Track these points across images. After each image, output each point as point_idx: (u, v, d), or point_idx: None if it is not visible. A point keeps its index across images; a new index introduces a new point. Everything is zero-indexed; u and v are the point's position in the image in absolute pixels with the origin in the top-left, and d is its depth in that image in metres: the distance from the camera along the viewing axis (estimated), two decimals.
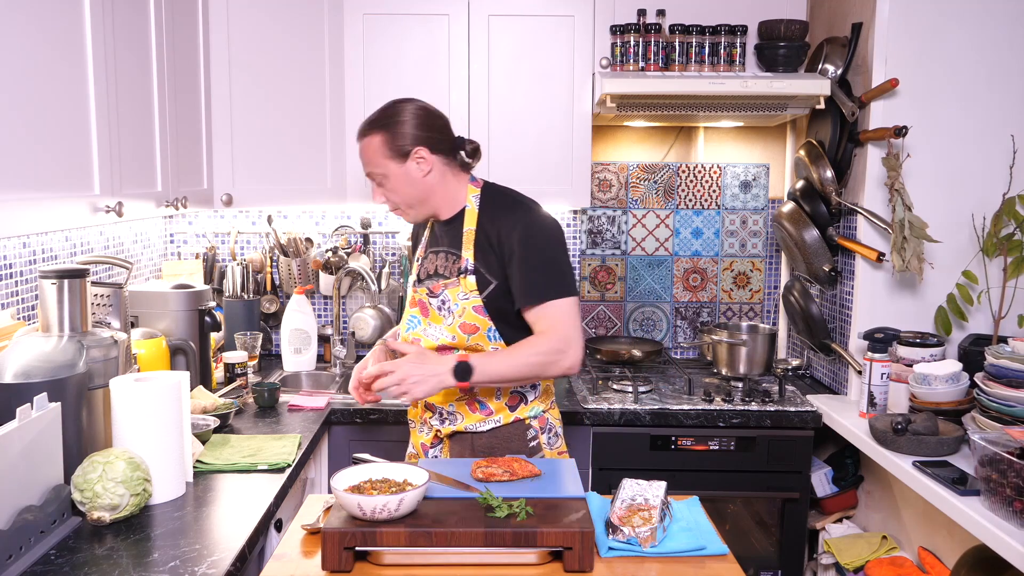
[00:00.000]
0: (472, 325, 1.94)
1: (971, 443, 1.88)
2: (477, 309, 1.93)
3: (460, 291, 1.94)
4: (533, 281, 1.88)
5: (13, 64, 1.53)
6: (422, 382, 1.81)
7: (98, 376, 1.73)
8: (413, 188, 1.95)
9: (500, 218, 1.93)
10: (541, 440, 2.02)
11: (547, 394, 2.06)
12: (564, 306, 1.88)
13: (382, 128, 1.92)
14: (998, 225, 2.43)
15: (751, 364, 2.87)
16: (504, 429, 1.99)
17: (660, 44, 2.76)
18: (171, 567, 1.44)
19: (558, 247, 1.92)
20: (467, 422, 1.99)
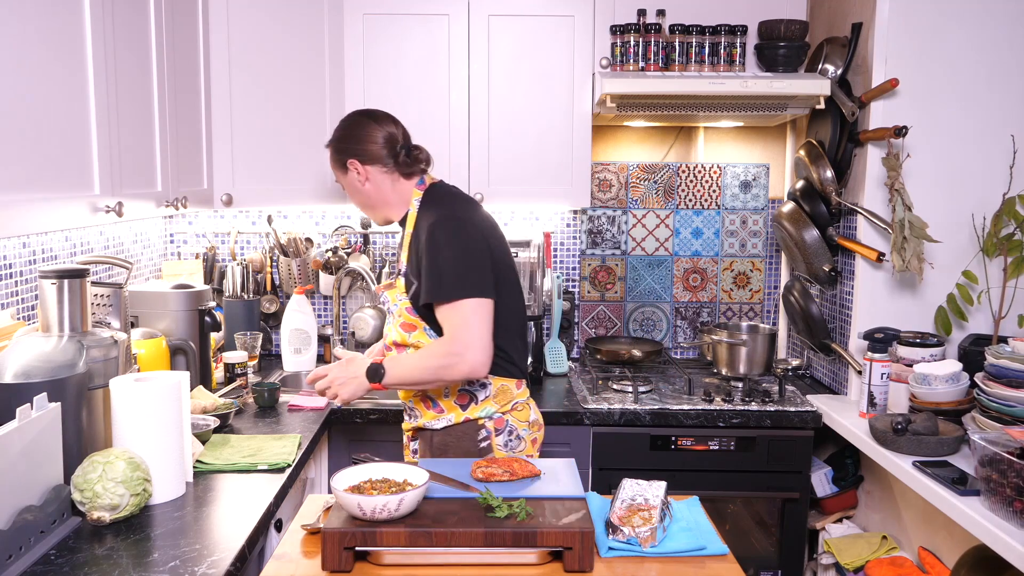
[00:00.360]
0: (410, 324, 2.02)
1: (971, 443, 1.89)
2: (409, 310, 2.01)
3: (396, 292, 2.05)
4: (432, 283, 1.92)
5: (13, 64, 1.53)
6: (346, 384, 1.97)
7: (98, 376, 1.73)
8: (358, 196, 2.12)
9: (422, 220, 2.00)
10: (494, 442, 2.02)
11: (504, 395, 2.04)
12: (463, 308, 1.89)
13: (331, 142, 2.12)
14: (998, 225, 2.43)
15: (751, 364, 2.87)
16: (457, 428, 2.03)
17: (660, 44, 2.76)
18: (171, 567, 1.44)
19: (463, 247, 1.92)
20: (424, 419, 2.07)
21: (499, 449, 2.03)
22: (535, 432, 2.10)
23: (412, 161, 2.08)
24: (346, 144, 2.07)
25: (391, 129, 2.07)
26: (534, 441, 2.10)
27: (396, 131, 2.08)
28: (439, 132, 2.84)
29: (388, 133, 2.06)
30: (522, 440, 2.06)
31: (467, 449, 2.02)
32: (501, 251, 2.03)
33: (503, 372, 2.03)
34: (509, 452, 2.04)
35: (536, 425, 2.11)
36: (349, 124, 2.09)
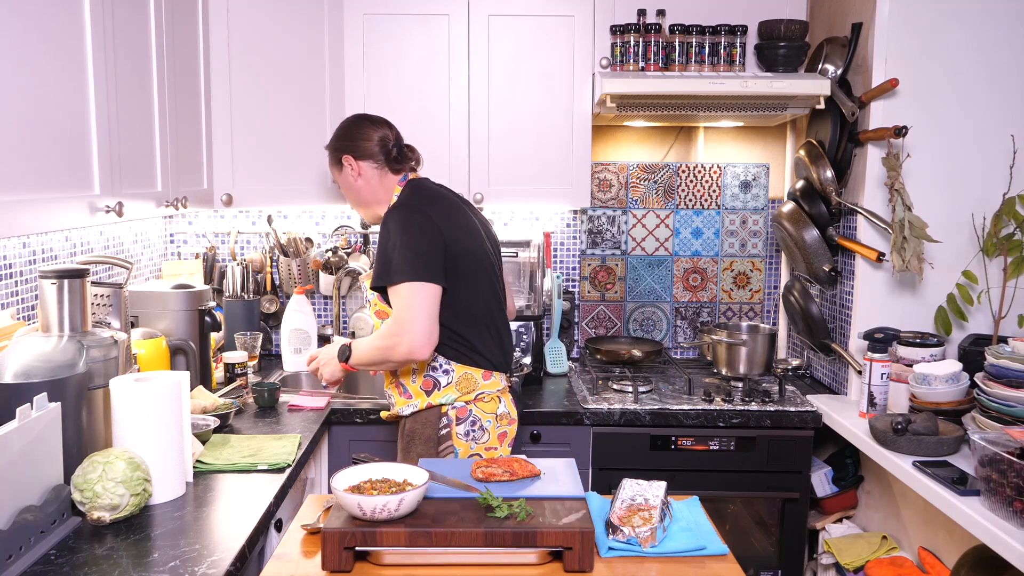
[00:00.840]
0: (382, 311, 2.11)
1: (971, 443, 1.89)
2: (379, 298, 2.11)
3: (367, 283, 2.17)
4: (380, 268, 2.03)
5: (13, 64, 1.53)
6: (326, 365, 2.18)
7: (98, 376, 1.73)
8: (351, 192, 2.22)
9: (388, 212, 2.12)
10: (454, 430, 2.08)
11: (466, 383, 2.10)
12: (403, 291, 1.99)
13: (330, 142, 2.24)
14: (998, 225, 2.43)
15: (751, 364, 2.87)
16: (421, 414, 2.11)
17: (660, 44, 2.76)
18: (171, 567, 1.44)
19: (410, 235, 2.01)
20: (398, 406, 2.15)
21: (459, 438, 2.09)
22: (504, 426, 2.14)
23: (402, 158, 2.21)
24: (342, 142, 2.21)
25: (385, 131, 2.21)
26: (502, 435, 2.14)
27: (390, 133, 2.21)
28: (439, 132, 2.84)
29: (383, 134, 2.20)
30: (486, 431, 2.11)
31: (428, 436, 2.09)
32: (467, 245, 2.09)
33: (466, 360, 2.10)
34: (471, 442, 2.09)
35: (506, 419, 2.15)
36: (347, 125, 2.23)
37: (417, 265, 1.98)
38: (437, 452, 2.10)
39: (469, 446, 2.10)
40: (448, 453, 2.09)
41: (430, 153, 2.85)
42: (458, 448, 2.09)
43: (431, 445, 2.10)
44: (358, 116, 2.25)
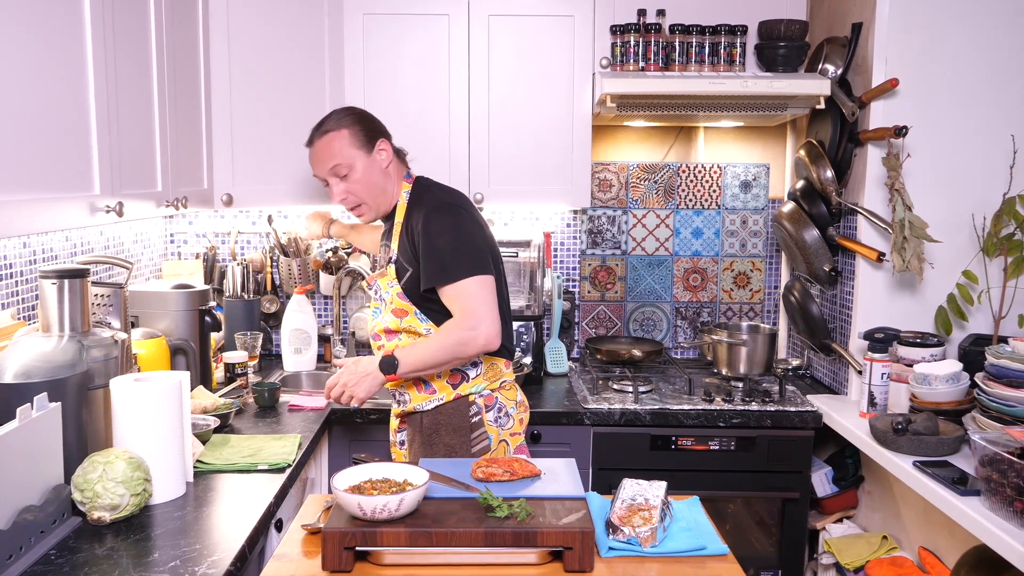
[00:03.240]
0: (401, 309, 2.08)
1: (971, 443, 1.88)
2: (400, 295, 2.07)
3: (388, 280, 2.10)
4: (435, 267, 1.99)
5: (13, 64, 1.53)
6: (360, 383, 2.01)
7: (98, 376, 1.73)
8: (377, 178, 2.11)
9: (414, 209, 2.08)
10: (484, 417, 2.09)
11: (493, 372, 2.12)
12: (470, 286, 1.97)
13: (348, 123, 2.10)
14: (998, 225, 2.43)
15: (751, 364, 2.87)
16: (447, 406, 2.08)
17: (660, 44, 2.76)
18: (171, 567, 1.44)
19: (459, 230, 2.01)
20: (415, 402, 2.11)
21: (489, 424, 2.09)
22: (522, 412, 2.17)
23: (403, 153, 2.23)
24: (373, 124, 2.14)
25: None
26: (521, 420, 2.16)
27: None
28: (439, 132, 2.84)
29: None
30: (510, 418, 2.13)
31: (458, 425, 2.07)
32: (492, 241, 2.12)
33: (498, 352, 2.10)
34: (498, 428, 2.10)
35: (523, 406, 2.18)
36: (362, 112, 2.17)
37: (477, 260, 1.99)
38: (470, 440, 2.07)
39: (498, 432, 2.11)
40: (483, 440, 2.08)
41: (430, 153, 2.85)
42: (490, 435, 2.09)
43: (462, 434, 2.07)
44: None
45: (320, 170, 2.13)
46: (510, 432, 2.13)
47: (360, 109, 2.19)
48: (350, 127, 2.10)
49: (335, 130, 2.10)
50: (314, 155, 2.14)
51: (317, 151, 2.13)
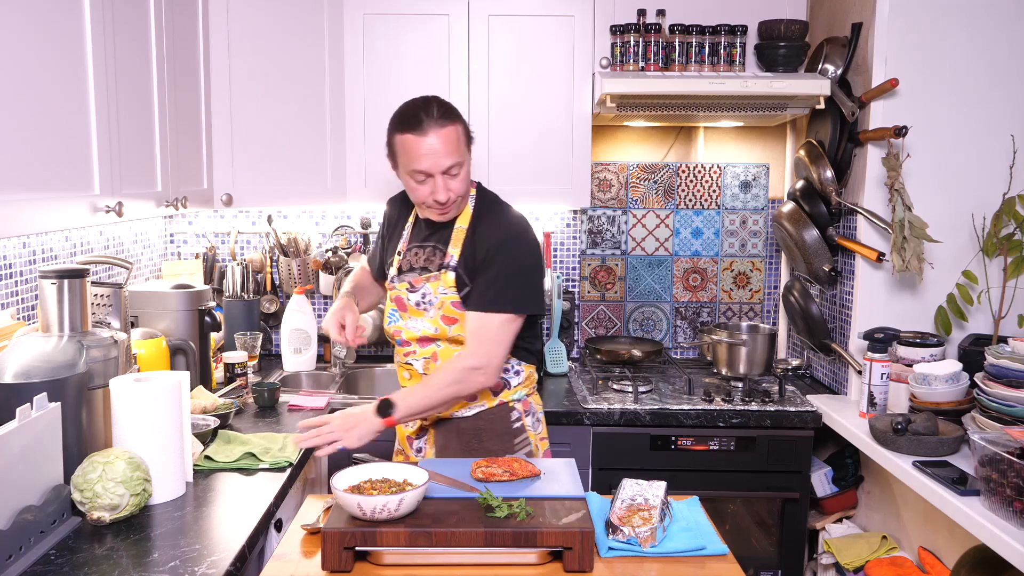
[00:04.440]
0: (451, 318, 2.01)
1: (971, 443, 1.88)
2: (455, 304, 2.00)
3: (440, 285, 2.00)
4: (492, 289, 1.93)
5: (13, 64, 1.53)
6: (352, 428, 1.89)
7: (98, 376, 1.73)
8: (464, 180, 1.98)
9: (488, 223, 2.01)
10: (525, 422, 2.08)
11: (530, 380, 2.12)
12: (497, 321, 1.93)
13: (459, 118, 1.95)
14: (998, 225, 2.43)
15: (751, 364, 2.87)
16: (488, 412, 2.05)
17: (660, 44, 2.76)
18: (171, 567, 1.44)
19: (530, 261, 1.98)
20: (454, 409, 2.05)
21: (528, 429, 2.08)
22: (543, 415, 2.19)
23: None
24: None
25: None
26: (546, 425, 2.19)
27: None
28: None
29: None
30: (540, 422, 2.14)
31: (501, 430, 2.05)
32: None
33: (531, 360, 2.11)
34: (535, 433, 2.10)
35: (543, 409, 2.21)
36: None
37: (530, 299, 1.97)
38: (513, 445, 2.04)
39: (536, 437, 2.11)
40: (525, 445, 2.06)
41: None
42: (530, 440, 2.08)
43: (506, 439, 2.04)
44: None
45: (439, 164, 1.90)
46: (540, 437, 2.13)
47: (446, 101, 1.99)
48: (462, 123, 1.94)
49: (454, 122, 1.92)
50: (432, 146, 1.88)
51: (440, 141, 1.89)
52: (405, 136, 1.90)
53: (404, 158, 1.93)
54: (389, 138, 1.97)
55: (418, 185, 1.94)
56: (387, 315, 2.12)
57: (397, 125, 1.94)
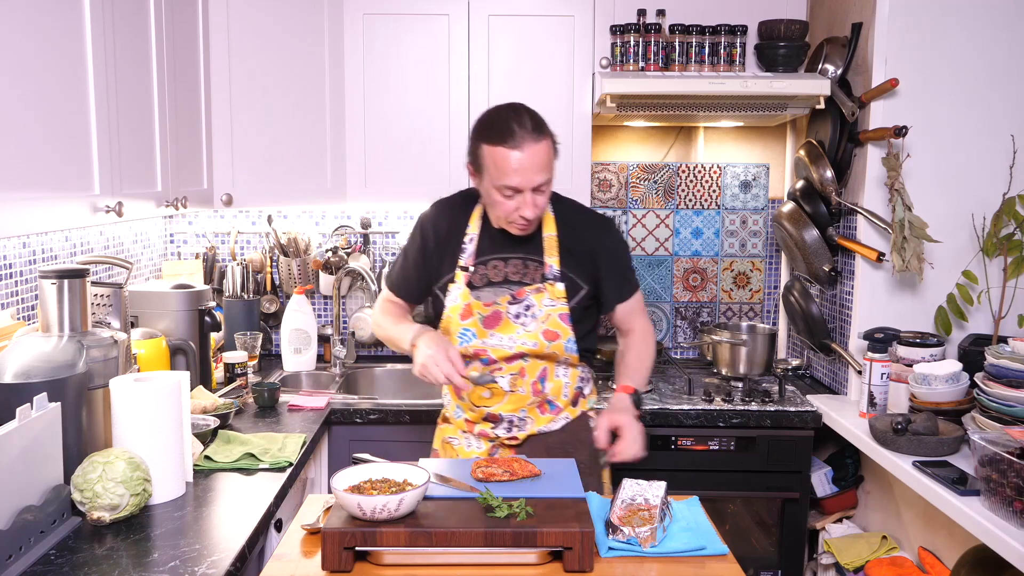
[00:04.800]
0: (554, 332, 1.93)
1: (971, 443, 1.88)
2: (563, 317, 1.93)
3: (546, 297, 1.92)
4: (627, 280, 2.02)
5: (13, 64, 1.53)
6: (631, 426, 1.88)
7: (98, 376, 1.73)
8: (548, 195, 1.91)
9: (582, 224, 1.98)
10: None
11: (595, 387, 2.14)
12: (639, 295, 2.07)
13: (549, 130, 1.84)
14: (998, 225, 2.43)
15: (751, 364, 2.87)
16: (572, 424, 2.02)
17: (660, 44, 2.76)
18: (171, 567, 1.44)
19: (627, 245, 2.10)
20: (537, 425, 1.99)
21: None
22: None
23: None
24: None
25: None
26: None
27: None
28: (439, 132, 2.84)
29: None
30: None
31: (585, 439, 1.99)
32: None
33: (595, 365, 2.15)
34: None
35: None
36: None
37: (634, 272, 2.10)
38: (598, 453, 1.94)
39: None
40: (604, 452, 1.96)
41: (430, 153, 2.86)
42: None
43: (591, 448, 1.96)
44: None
45: (531, 180, 1.79)
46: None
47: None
48: (550, 137, 1.83)
49: (546, 136, 1.81)
50: (525, 162, 1.77)
51: (534, 157, 1.78)
52: (496, 149, 1.78)
53: (493, 171, 1.80)
54: (474, 147, 1.84)
55: (504, 200, 1.83)
56: (458, 336, 1.95)
57: (486, 135, 1.81)
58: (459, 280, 1.96)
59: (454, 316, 1.96)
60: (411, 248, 2.05)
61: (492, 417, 1.99)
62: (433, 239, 2.01)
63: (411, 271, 2.06)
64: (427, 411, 2.57)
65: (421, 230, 2.03)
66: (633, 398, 1.93)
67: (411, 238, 2.06)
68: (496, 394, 1.97)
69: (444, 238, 2.00)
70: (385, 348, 3.26)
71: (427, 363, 1.79)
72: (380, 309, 2.11)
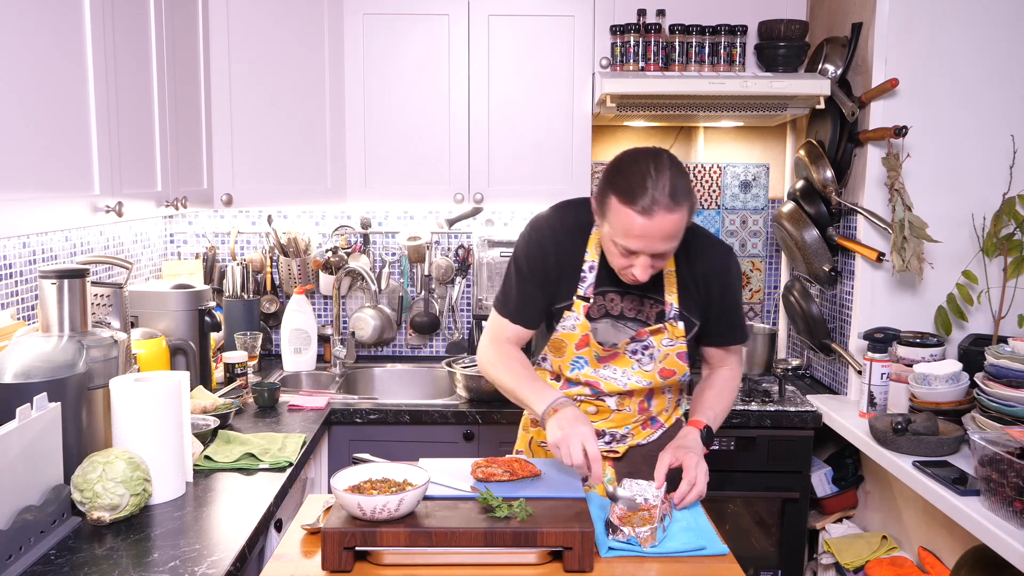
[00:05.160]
0: (670, 371, 1.87)
1: (971, 443, 1.88)
2: (680, 356, 1.86)
3: (665, 337, 1.83)
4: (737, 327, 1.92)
5: (13, 64, 1.53)
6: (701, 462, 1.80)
7: (98, 376, 1.73)
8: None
9: (700, 256, 1.82)
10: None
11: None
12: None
13: (689, 196, 1.64)
14: (998, 225, 2.43)
15: (751, 364, 2.87)
16: (667, 432, 1.98)
17: (660, 44, 2.76)
18: (171, 567, 1.44)
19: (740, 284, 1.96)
20: (638, 438, 1.95)
21: None
22: None
23: None
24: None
25: None
26: None
27: None
28: (439, 132, 2.84)
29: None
30: None
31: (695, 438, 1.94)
32: None
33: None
34: None
35: None
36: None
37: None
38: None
39: None
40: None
41: (430, 153, 2.86)
42: None
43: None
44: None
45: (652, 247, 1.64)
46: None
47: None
48: (689, 203, 1.64)
49: (682, 206, 1.62)
50: (652, 231, 1.61)
51: (661, 228, 1.61)
52: (624, 209, 1.61)
53: (615, 226, 1.65)
54: (602, 190, 1.67)
55: (619, 255, 1.70)
56: (570, 363, 1.87)
57: (617, 186, 1.64)
58: (577, 310, 1.83)
59: (569, 343, 1.86)
60: (529, 271, 1.85)
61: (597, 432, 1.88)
62: (554, 260, 1.84)
63: (534, 295, 1.85)
64: (427, 411, 2.58)
65: (540, 250, 1.84)
66: (703, 434, 1.83)
67: (526, 259, 1.85)
68: (602, 411, 1.90)
69: (564, 261, 1.84)
70: (385, 348, 3.26)
71: (560, 445, 1.64)
72: (497, 350, 1.87)
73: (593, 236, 1.83)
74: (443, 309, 3.23)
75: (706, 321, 1.86)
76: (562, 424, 1.65)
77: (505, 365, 1.84)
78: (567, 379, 1.90)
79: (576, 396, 1.90)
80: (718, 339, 1.91)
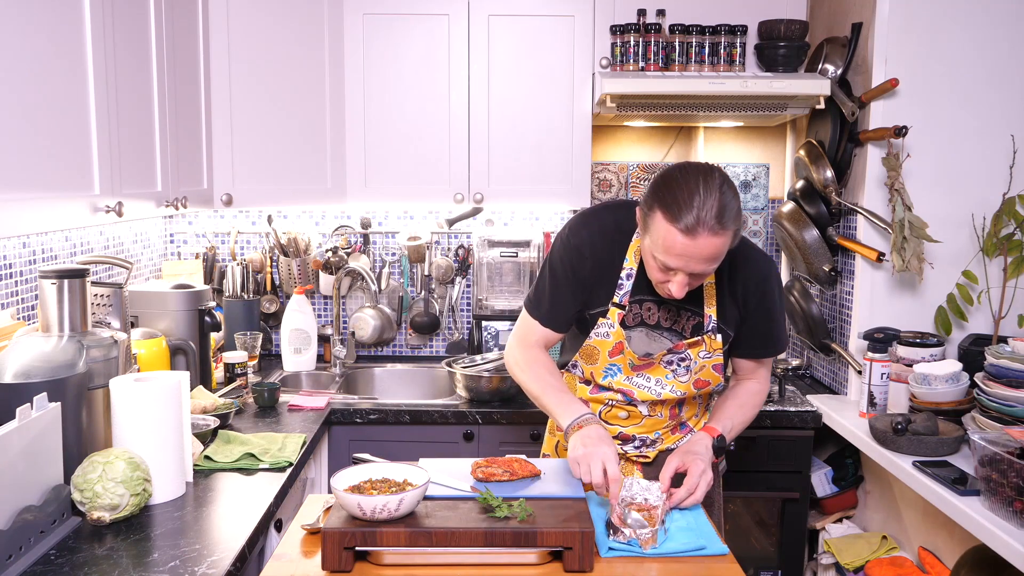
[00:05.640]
0: (705, 381, 1.86)
1: (971, 443, 1.88)
2: (716, 367, 1.84)
3: (703, 350, 1.81)
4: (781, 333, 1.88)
5: (13, 64, 1.53)
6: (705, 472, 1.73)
7: (98, 376, 1.73)
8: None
9: (742, 267, 1.79)
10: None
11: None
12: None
13: (733, 224, 1.59)
14: (998, 225, 2.43)
15: None
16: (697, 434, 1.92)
17: (660, 44, 2.76)
18: (171, 567, 1.44)
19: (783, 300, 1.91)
20: (668, 443, 1.94)
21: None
22: None
23: None
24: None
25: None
26: None
27: None
28: (439, 132, 2.84)
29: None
30: None
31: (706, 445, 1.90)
32: None
33: None
34: None
35: None
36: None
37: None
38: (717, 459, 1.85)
39: None
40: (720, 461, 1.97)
41: (430, 153, 2.86)
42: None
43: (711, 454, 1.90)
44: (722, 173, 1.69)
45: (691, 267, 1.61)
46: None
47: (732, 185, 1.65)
48: (735, 226, 1.61)
49: (726, 231, 1.59)
50: (692, 252, 1.58)
51: (702, 249, 1.58)
52: (667, 225, 1.58)
53: (655, 240, 1.62)
54: (649, 201, 1.63)
55: (657, 270, 1.67)
56: (604, 369, 1.85)
57: (664, 201, 1.59)
58: (612, 317, 1.80)
59: (602, 351, 1.84)
60: (563, 276, 1.82)
61: (623, 436, 1.91)
62: (591, 265, 1.81)
63: (567, 299, 1.83)
64: (427, 411, 2.58)
65: (577, 254, 1.81)
66: (715, 443, 1.78)
67: (561, 262, 1.82)
68: (633, 416, 1.89)
69: (602, 266, 1.81)
70: (385, 348, 3.26)
71: (580, 462, 1.63)
72: (525, 354, 1.87)
73: (634, 243, 1.80)
74: (443, 309, 3.23)
75: (739, 332, 1.84)
76: (586, 441, 1.65)
77: (532, 370, 1.83)
78: (598, 385, 1.88)
79: (607, 400, 1.88)
80: (749, 351, 1.88)
